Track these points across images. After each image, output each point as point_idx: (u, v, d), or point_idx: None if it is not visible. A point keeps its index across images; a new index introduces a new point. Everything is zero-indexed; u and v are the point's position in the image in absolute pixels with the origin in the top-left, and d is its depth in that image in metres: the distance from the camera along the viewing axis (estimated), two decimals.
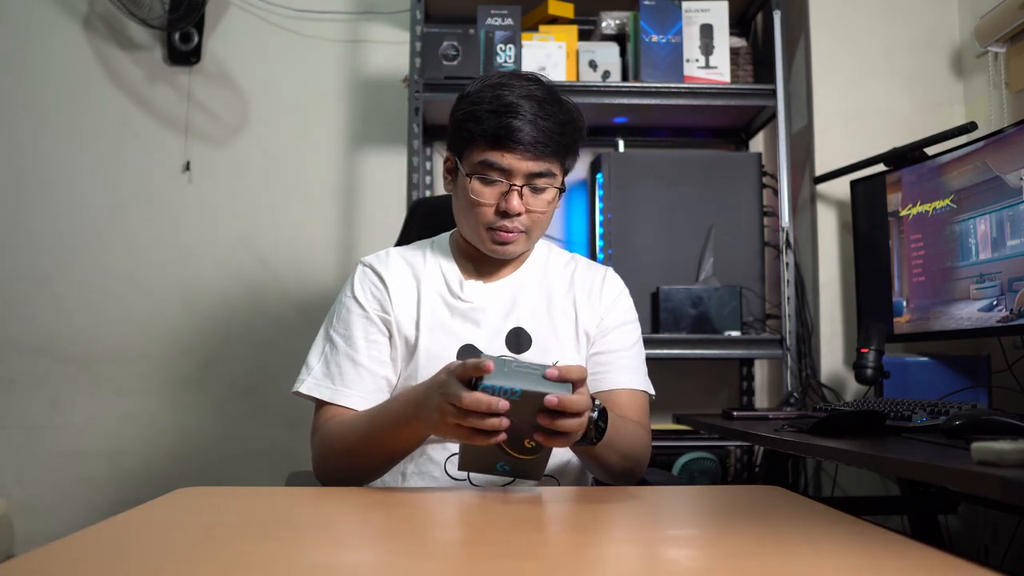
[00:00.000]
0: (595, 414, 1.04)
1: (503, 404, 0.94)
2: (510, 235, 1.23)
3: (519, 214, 1.22)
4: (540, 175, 1.22)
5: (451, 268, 1.31)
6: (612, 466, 1.18)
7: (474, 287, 1.29)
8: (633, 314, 1.37)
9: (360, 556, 0.75)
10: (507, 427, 0.94)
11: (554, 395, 0.94)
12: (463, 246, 1.33)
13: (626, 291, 1.38)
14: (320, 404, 1.24)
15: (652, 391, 1.32)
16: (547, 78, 1.27)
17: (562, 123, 1.22)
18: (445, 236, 1.38)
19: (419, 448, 1.20)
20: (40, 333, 2.52)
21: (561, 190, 1.27)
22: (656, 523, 0.95)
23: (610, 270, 1.38)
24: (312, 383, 1.23)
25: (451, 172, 1.30)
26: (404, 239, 1.65)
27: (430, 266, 1.32)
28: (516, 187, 1.21)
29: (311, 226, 2.59)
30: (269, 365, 2.53)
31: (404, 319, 1.27)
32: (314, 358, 1.26)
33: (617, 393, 1.28)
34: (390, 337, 1.27)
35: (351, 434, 1.16)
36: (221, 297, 2.56)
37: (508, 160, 1.20)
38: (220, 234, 2.57)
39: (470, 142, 1.22)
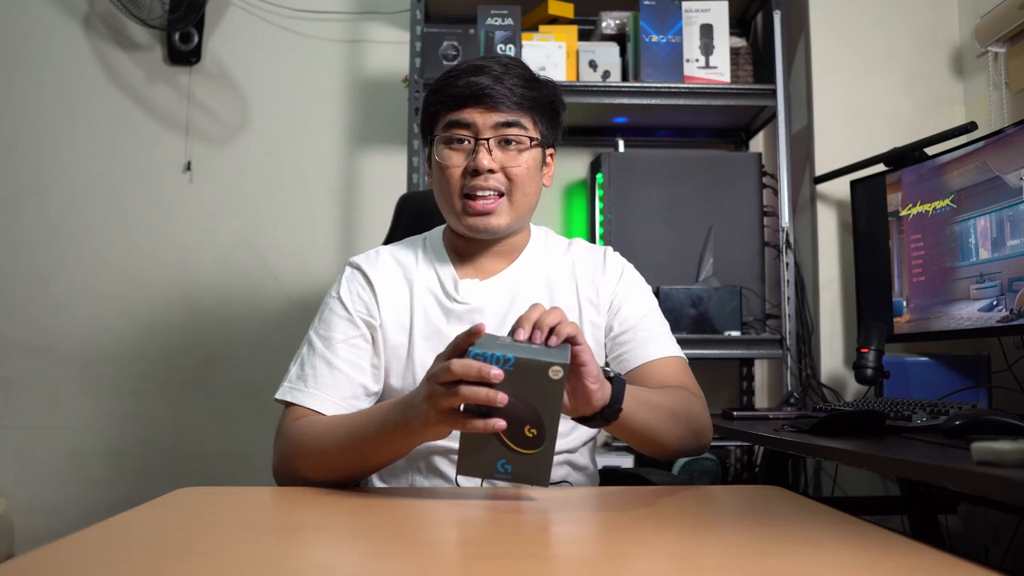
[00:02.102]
0: (609, 370, 1.00)
1: (496, 372, 0.87)
2: (487, 201, 1.16)
3: (492, 171, 1.16)
4: (507, 125, 1.16)
5: (445, 267, 1.25)
6: (669, 436, 1.11)
7: (470, 286, 1.23)
8: (643, 284, 1.31)
9: (360, 556, 0.75)
10: (504, 404, 0.87)
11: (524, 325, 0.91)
12: (455, 241, 1.27)
13: (629, 265, 1.32)
14: (288, 404, 1.17)
15: (683, 355, 1.26)
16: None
17: (528, 79, 1.19)
18: (438, 231, 1.31)
19: (426, 462, 1.17)
20: (40, 333, 2.52)
21: (541, 147, 1.21)
22: (656, 523, 0.95)
23: (609, 249, 1.32)
24: (287, 387, 1.18)
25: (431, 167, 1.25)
26: (392, 235, 1.64)
27: (423, 266, 1.25)
28: (483, 141, 1.16)
29: (311, 226, 2.59)
30: (269, 365, 2.52)
31: (393, 325, 1.21)
32: (293, 361, 1.21)
33: (650, 365, 1.21)
34: (373, 342, 1.21)
35: (326, 438, 1.08)
36: (221, 297, 2.56)
37: (471, 115, 1.16)
38: (220, 234, 2.57)
39: (437, 113, 1.20)
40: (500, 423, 0.88)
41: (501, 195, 1.18)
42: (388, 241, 1.63)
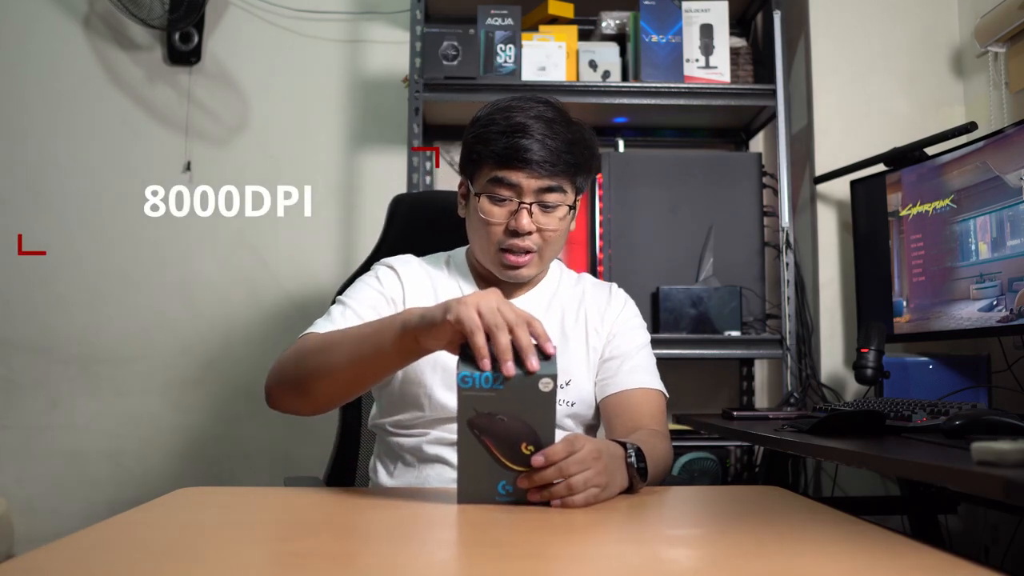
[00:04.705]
0: (632, 458, 1.01)
1: (535, 360, 0.89)
2: (521, 258, 1.24)
3: (529, 232, 1.23)
4: (550, 191, 1.23)
5: (468, 284, 1.34)
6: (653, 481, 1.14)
7: None
8: (640, 320, 1.39)
9: (361, 555, 0.75)
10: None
11: (540, 455, 0.90)
12: (477, 266, 1.34)
13: (631, 300, 1.40)
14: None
15: (667, 393, 1.31)
16: (558, 100, 1.28)
17: (570, 142, 1.23)
18: (462, 252, 1.39)
19: (436, 473, 1.22)
20: (40, 333, 2.51)
21: (573, 208, 1.27)
22: (656, 523, 0.95)
23: (614, 285, 1.41)
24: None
25: (464, 197, 1.32)
26: (385, 237, 1.65)
27: (447, 280, 1.34)
28: (525, 205, 1.22)
29: (311, 226, 2.59)
30: (269, 365, 2.51)
31: None
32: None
33: (632, 393, 1.27)
34: None
35: (324, 341, 1.12)
36: (221, 297, 2.56)
37: (517, 177, 1.21)
38: (220, 234, 2.57)
39: (480, 163, 1.24)
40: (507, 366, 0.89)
41: (533, 251, 1.25)
42: (381, 243, 1.64)
